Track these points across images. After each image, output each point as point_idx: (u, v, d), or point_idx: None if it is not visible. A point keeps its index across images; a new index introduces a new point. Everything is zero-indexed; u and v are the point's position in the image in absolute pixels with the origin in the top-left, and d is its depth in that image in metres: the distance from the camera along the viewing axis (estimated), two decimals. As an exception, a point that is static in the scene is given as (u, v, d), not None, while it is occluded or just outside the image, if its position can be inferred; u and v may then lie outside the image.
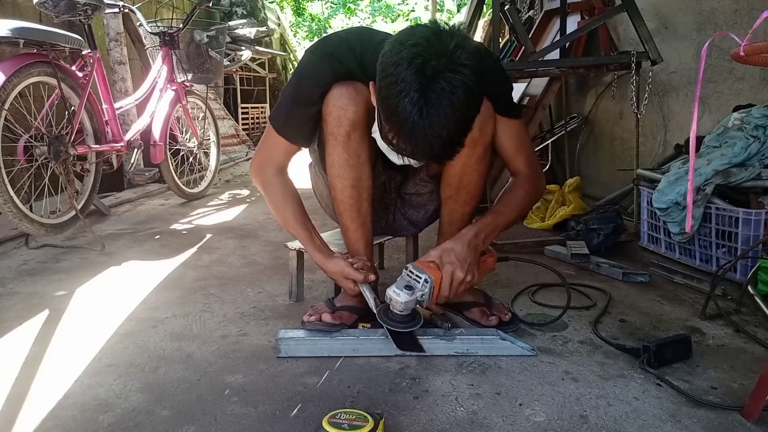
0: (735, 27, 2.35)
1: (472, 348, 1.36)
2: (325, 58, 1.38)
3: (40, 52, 2.27)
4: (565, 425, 1.08)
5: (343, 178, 1.42)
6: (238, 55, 5.72)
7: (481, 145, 1.41)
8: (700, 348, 1.40)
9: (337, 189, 1.44)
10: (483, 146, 1.42)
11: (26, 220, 2.18)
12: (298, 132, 1.46)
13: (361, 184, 1.43)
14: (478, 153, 1.42)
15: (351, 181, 1.42)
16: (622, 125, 3.11)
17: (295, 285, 1.73)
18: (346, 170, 1.41)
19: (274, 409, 1.14)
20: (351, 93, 1.34)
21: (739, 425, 1.08)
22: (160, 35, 3.16)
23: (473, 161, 1.43)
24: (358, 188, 1.43)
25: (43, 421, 1.10)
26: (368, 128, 1.37)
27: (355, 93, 1.34)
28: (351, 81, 1.36)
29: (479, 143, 1.41)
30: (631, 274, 1.91)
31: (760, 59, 1.09)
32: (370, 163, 1.44)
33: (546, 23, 3.49)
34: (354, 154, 1.39)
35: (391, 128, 1.17)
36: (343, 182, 1.42)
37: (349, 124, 1.35)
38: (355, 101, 1.34)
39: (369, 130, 1.37)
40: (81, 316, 1.63)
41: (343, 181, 1.42)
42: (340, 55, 1.38)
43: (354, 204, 1.44)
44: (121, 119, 3.04)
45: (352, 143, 1.38)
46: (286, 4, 12.34)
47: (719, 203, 1.89)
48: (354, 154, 1.39)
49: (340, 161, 1.40)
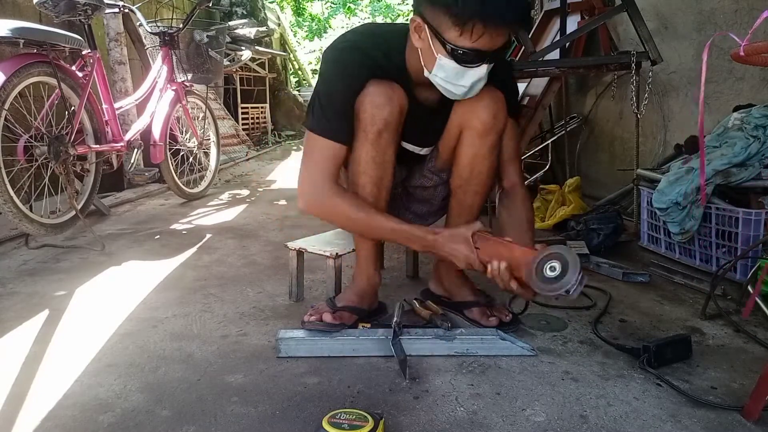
0: (735, 27, 2.35)
1: (472, 348, 1.36)
2: (351, 51, 1.38)
3: (40, 52, 2.27)
4: (565, 425, 1.08)
5: (367, 175, 1.41)
6: (238, 55, 5.72)
7: (494, 133, 1.43)
8: (700, 348, 1.40)
9: (359, 185, 1.42)
10: (496, 134, 1.44)
11: (26, 220, 2.18)
12: (343, 126, 1.38)
13: (382, 183, 1.43)
14: (490, 142, 1.44)
15: (374, 179, 1.41)
16: (622, 125, 3.11)
17: (295, 285, 1.73)
18: (372, 167, 1.40)
19: (274, 409, 1.14)
20: (388, 92, 1.35)
21: (739, 425, 1.08)
22: (160, 35, 3.16)
23: (485, 150, 1.44)
24: (379, 187, 1.43)
25: (43, 421, 1.10)
26: (398, 130, 1.38)
27: (392, 92, 1.35)
28: (388, 80, 1.36)
29: (492, 131, 1.42)
30: (631, 274, 1.91)
31: (760, 59, 1.09)
32: (393, 165, 1.44)
33: (546, 23, 3.49)
34: (381, 153, 1.39)
35: (458, 20, 1.19)
36: (365, 179, 1.42)
37: (382, 122, 1.35)
38: (391, 101, 1.35)
39: (399, 131, 1.38)
40: (81, 316, 1.63)
41: (366, 178, 1.41)
42: (365, 47, 1.38)
43: (374, 202, 1.43)
44: (121, 119, 3.04)
45: (382, 142, 1.37)
46: (286, 4, 12.33)
47: (719, 203, 1.89)
48: (381, 152, 1.39)
49: (367, 158, 1.39)
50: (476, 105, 1.41)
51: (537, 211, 2.73)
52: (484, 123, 1.40)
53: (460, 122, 1.45)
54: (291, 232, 2.59)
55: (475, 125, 1.42)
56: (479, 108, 1.41)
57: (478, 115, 1.41)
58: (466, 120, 1.44)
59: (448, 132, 1.49)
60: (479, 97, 1.38)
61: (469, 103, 1.41)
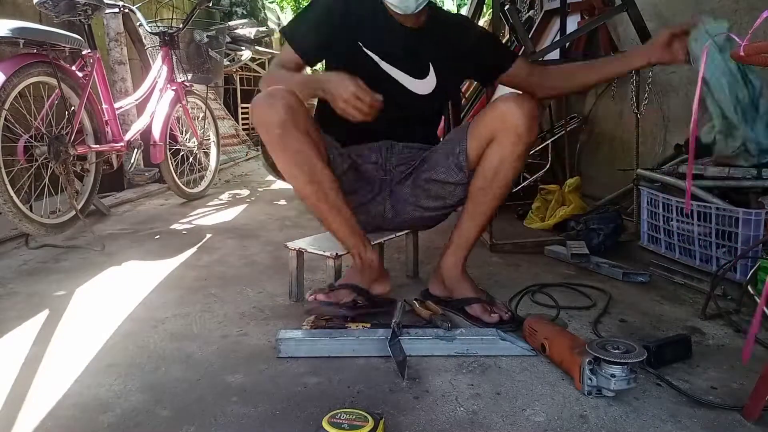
0: (735, 27, 2.35)
1: (472, 348, 1.36)
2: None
3: (40, 52, 2.27)
4: (565, 425, 1.08)
5: (296, 178, 1.45)
6: (238, 55, 5.72)
7: (524, 143, 1.47)
8: (700, 348, 1.40)
9: (298, 190, 1.49)
10: (525, 145, 1.48)
11: (26, 220, 2.18)
12: (308, 37, 1.57)
13: (316, 176, 1.44)
14: (519, 150, 1.48)
15: (307, 176, 1.44)
16: (622, 125, 3.11)
17: (295, 285, 1.73)
18: (295, 169, 1.44)
19: (274, 409, 1.14)
20: (267, 101, 1.40)
21: (739, 425, 1.08)
22: (160, 35, 3.16)
23: (513, 158, 1.49)
24: (315, 181, 1.45)
25: (43, 421, 1.10)
26: (301, 120, 1.40)
27: (271, 100, 1.39)
28: (268, 92, 1.42)
29: (522, 141, 1.47)
30: (631, 274, 1.91)
31: (760, 59, 1.09)
32: (319, 152, 1.45)
33: (546, 23, 3.49)
34: (294, 152, 1.42)
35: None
36: (298, 181, 1.46)
37: (276, 126, 1.38)
38: (273, 107, 1.38)
39: (302, 121, 1.40)
40: (81, 316, 1.63)
41: (298, 181, 1.45)
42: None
43: (320, 197, 1.46)
44: (121, 119, 3.04)
45: (289, 141, 1.41)
46: (286, 4, 12.33)
47: (719, 203, 1.89)
48: (294, 151, 1.42)
49: (286, 163, 1.44)
50: (514, 111, 1.45)
51: (537, 211, 2.73)
52: (518, 132, 1.45)
53: (494, 125, 1.48)
54: (291, 232, 2.59)
55: (509, 130, 1.46)
56: (516, 116, 1.45)
57: (514, 122, 1.45)
58: (500, 124, 1.47)
59: (479, 130, 1.53)
60: (518, 104, 1.44)
61: (507, 107, 1.46)
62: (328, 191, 1.47)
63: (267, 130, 1.40)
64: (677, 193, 2.07)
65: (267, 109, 1.39)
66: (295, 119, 1.39)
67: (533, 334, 1.36)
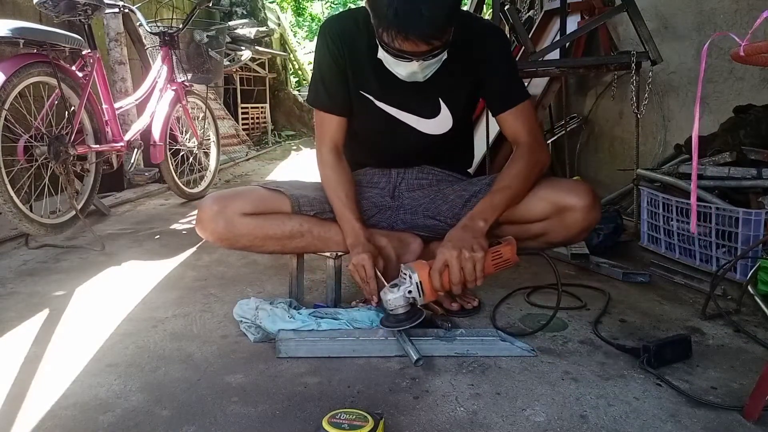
0: (735, 27, 2.35)
1: (472, 349, 1.36)
2: (328, 25, 1.54)
3: (40, 52, 2.27)
4: (565, 425, 1.08)
5: (262, 251, 1.58)
6: (238, 55, 5.72)
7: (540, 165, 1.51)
8: (700, 348, 1.40)
9: (276, 253, 1.62)
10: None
11: (26, 220, 2.18)
12: (331, 95, 1.53)
13: (278, 240, 1.53)
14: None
15: (269, 249, 1.56)
16: (622, 125, 3.11)
17: (295, 285, 1.73)
18: (254, 249, 1.56)
19: (274, 409, 1.14)
20: (212, 212, 1.49)
21: (739, 425, 1.08)
22: (160, 35, 3.16)
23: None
24: (281, 241, 1.54)
25: (43, 421, 1.10)
26: (241, 225, 1.50)
27: (210, 214, 1.49)
28: (209, 202, 1.51)
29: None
30: (631, 274, 1.91)
31: (760, 59, 1.09)
32: (272, 221, 1.52)
33: (546, 23, 3.49)
34: (242, 247, 1.55)
35: (380, 24, 1.28)
36: (267, 250, 1.58)
37: (215, 239, 1.52)
38: (213, 220, 1.49)
39: (242, 224, 1.50)
40: (81, 316, 1.63)
41: (266, 250, 1.58)
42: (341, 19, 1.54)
43: (297, 245, 1.57)
44: (121, 119, 3.04)
45: (233, 244, 1.53)
46: (286, 4, 12.33)
47: (719, 203, 1.89)
48: (242, 246, 1.54)
49: (244, 250, 1.59)
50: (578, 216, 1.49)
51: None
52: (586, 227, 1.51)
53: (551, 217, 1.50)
54: (291, 232, 2.59)
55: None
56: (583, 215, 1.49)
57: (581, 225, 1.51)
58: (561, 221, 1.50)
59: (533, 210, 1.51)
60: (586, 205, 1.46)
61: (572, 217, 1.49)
62: (284, 240, 1.54)
63: (208, 237, 1.53)
64: (677, 193, 2.07)
65: (208, 224, 1.50)
66: (232, 229, 1.49)
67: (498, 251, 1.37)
